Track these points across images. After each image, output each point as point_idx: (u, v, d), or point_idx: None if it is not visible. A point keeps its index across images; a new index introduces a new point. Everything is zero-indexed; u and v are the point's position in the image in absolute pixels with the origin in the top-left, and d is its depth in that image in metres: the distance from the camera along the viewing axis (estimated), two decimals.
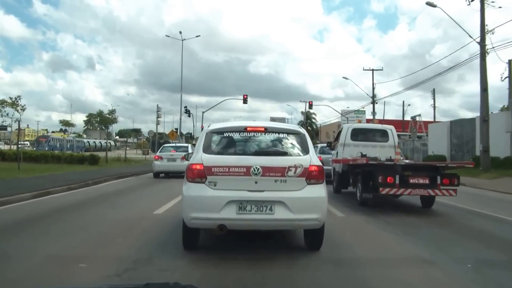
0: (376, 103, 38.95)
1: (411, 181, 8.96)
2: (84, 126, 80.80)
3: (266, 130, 5.30)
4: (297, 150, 5.24)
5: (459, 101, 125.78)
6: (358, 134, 12.80)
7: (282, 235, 6.14)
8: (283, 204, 4.83)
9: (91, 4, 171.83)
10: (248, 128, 5.25)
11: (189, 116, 45.18)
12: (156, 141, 37.01)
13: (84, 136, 79.83)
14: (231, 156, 5.08)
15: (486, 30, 20.59)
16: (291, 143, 5.33)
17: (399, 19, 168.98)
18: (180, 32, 36.05)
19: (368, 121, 40.22)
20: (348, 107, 58.90)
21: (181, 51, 38.99)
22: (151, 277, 4.16)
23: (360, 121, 19.44)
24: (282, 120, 60.95)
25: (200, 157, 5.02)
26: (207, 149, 5.13)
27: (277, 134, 5.35)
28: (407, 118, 44.78)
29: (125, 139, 68.30)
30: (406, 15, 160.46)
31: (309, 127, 64.72)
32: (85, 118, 75.47)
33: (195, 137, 52.76)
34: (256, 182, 4.87)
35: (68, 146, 55.18)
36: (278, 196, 4.86)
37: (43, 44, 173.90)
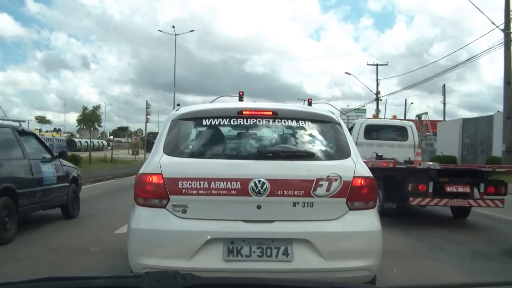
0: (380, 100, 37.18)
1: (448, 189, 7.41)
2: (77, 126, 78.88)
3: (276, 116, 3.17)
4: (330, 150, 3.16)
5: (457, 100, 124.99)
6: (372, 132, 11.33)
7: None
8: (308, 244, 2.83)
9: (84, 3, 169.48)
10: (244, 112, 3.16)
11: None
12: (146, 140, 34.81)
13: (77, 135, 77.68)
14: (215, 161, 3.00)
15: (511, 16, 18.57)
16: (319, 139, 3.26)
17: (396, 18, 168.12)
18: (173, 27, 34.58)
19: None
20: (348, 105, 57.58)
21: (176, 49, 37.16)
22: None
23: (375, 116, 17.37)
24: None
25: (158, 163, 2.93)
26: (172, 149, 3.04)
27: (295, 122, 3.20)
28: (408, 117, 42.97)
29: (113, 138, 65.91)
30: (404, 13, 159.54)
31: None
32: (78, 118, 73.82)
33: None
34: (259, 207, 2.86)
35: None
36: (298, 230, 2.86)
37: (36, 43, 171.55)
